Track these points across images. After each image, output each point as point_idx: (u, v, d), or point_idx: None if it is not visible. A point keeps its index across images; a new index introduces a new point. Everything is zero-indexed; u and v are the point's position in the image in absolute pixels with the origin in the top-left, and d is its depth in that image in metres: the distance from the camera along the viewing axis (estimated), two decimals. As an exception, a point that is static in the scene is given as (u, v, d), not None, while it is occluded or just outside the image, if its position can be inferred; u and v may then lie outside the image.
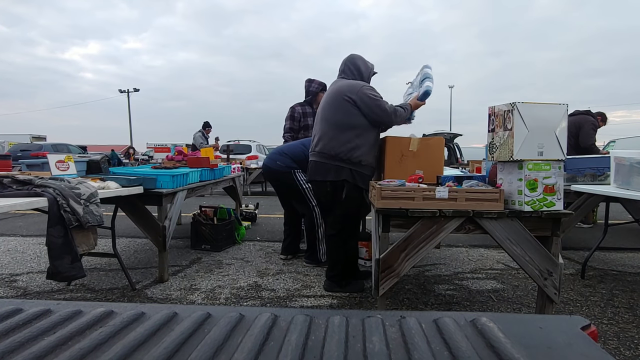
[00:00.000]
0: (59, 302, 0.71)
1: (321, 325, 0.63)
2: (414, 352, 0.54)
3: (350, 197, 2.62)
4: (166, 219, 2.89)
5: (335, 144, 2.57)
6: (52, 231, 2.03)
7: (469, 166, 3.67)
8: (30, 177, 2.22)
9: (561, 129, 1.92)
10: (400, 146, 2.59)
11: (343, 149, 2.55)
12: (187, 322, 0.63)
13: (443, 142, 2.74)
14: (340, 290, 2.75)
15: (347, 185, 2.59)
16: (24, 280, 2.96)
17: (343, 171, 2.57)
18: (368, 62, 2.76)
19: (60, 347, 0.56)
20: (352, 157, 2.55)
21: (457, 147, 9.80)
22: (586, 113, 4.84)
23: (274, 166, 3.35)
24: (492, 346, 0.55)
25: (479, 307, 2.51)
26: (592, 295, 2.70)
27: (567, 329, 0.61)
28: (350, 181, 2.58)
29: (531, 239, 1.95)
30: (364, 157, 2.57)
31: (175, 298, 2.62)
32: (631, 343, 2.03)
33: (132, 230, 4.44)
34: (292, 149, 3.38)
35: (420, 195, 1.97)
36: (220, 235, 3.78)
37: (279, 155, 3.38)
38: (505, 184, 2.03)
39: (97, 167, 3.07)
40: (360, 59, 2.74)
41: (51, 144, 15.48)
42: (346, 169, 2.56)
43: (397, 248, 1.96)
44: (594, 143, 4.78)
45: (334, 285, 2.76)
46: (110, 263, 3.34)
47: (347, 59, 2.75)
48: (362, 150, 2.56)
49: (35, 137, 20.50)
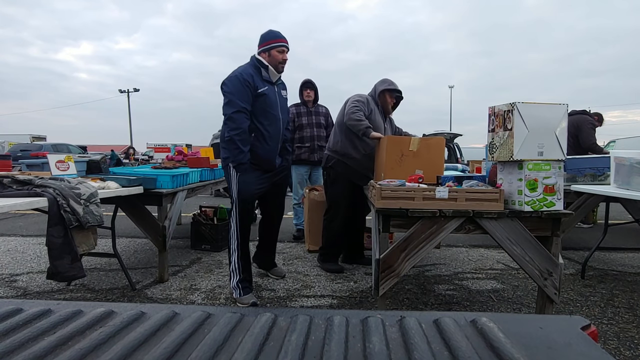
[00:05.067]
0: (59, 302, 0.71)
1: (321, 325, 0.63)
2: (414, 352, 0.54)
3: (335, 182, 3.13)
4: (166, 219, 2.89)
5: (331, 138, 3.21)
6: (52, 231, 2.03)
7: (469, 166, 3.67)
8: (30, 177, 2.22)
9: (561, 129, 1.92)
10: (401, 146, 2.60)
11: (333, 141, 3.15)
12: (187, 322, 0.63)
13: (444, 142, 2.75)
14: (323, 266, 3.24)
15: (332, 171, 3.13)
16: (24, 280, 2.96)
17: (331, 159, 3.13)
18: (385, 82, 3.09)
19: (60, 347, 0.56)
20: (339, 149, 3.08)
21: (457, 147, 9.79)
22: (583, 113, 4.84)
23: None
24: (492, 346, 0.55)
25: (479, 307, 2.51)
26: (592, 295, 2.70)
27: (567, 329, 0.61)
28: (334, 168, 3.11)
29: (531, 239, 1.95)
30: (347, 149, 3.04)
31: (175, 298, 2.62)
32: (631, 343, 2.03)
33: (132, 230, 4.44)
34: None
35: (420, 195, 1.97)
36: (220, 235, 3.78)
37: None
38: (505, 184, 2.03)
39: (97, 167, 3.07)
40: (379, 80, 3.14)
41: (51, 144, 15.48)
42: (334, 158, 3.10)
43: (397, 248, 1.96)
44: (595, 142, 4.76)
45: (321, 260, 3.28)
46: (110, 263, 3.34)
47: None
48: (344, 143, 3.05)
49: (35, 137, 20.49)
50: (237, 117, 2.40)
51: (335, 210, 3.17)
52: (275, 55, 2.53)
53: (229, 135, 2.42)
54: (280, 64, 2.56)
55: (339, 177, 3.11)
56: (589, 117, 4.81)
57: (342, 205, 3.14)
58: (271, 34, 2.57)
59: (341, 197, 3.13)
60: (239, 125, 2.40)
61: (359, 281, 2.98)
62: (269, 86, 2.54)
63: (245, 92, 2.43)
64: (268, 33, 2.57)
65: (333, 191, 3.17)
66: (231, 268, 2.60)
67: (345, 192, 3.13)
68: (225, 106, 2.45)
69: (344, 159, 3.06)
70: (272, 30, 2.59)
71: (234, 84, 2.42)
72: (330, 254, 3.22)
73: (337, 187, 3.13)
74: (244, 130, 2.43)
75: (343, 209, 3.15)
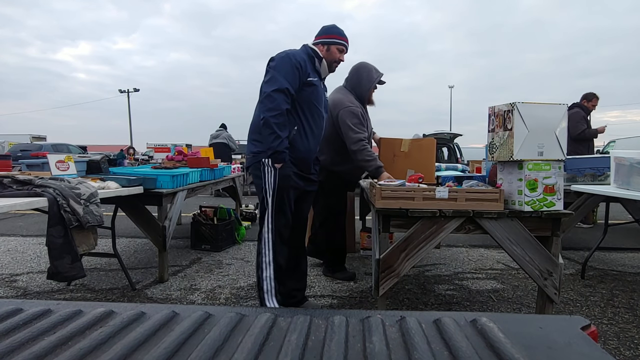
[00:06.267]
0: (59, 302, 0.71)
1: (321, 325, 0.63)
2: (414, 352, 0.54)
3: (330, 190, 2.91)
4: (166, 219, 2.89)
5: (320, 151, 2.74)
6: (52, 231, 2.03)
7: (469, 166, 3.67)
8: (30, 177, 2.22)
9: (561, 129, 1.92)
10: (393, 147, 2.65)
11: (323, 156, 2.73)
12: (187, 322, 0.63)
13: (434, 143, 2.79)
14: (334, 277, 3.04)
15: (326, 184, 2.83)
16: (24, 280, 2.96)
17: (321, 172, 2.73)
18: (374, 73, 2.83)
19: (60, 347, 0.56)
20: (329, 165, 2.82)
21: (457, 147, 9.79)
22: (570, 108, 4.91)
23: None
24: (492, 346, 0.55)
25: (479, 307, 2.51)
26: (592, 295, 2.70)
27: (567, 329, 0.61)
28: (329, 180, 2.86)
29: (531, 239, 1.95)
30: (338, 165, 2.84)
31: (175, 298, 2.62)
32: (631, 343, 2.03)
33: (132, 230, 4.44)
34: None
35: (420, 195, 1.97)
36: (220, 235, 3.78)
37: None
38: (505, 184, 2.03)
39: (97, 167, 3.07)
40: (366, 70, 2.84)
41: (51, 144, 15.48)
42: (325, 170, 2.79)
43: (397, 248, 1.95)
44: (582, 130, 4.87)
45: (327, 270, 3.11)
46: (110, 263, 3.34)
47: (354, 67, 2.88)
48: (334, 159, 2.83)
49: (35, 137, 20.50)
50: (276, 96, 2.04)
51: (335, 219, 3.03)
52: (334, 52, 2.31)
53: (264, 116, 2.04)
54: (335, 63, 2.35)
55: (334, 189, 2.94)
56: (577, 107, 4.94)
57: (342, 214, 3.07)
58: (336, 29, 2.34)
59: (339, 206, 3.04)
60: (277, 106, 2.04)
61: (359, 281, 2.98)
62: (318, 78, 2.28)
63: (294, 73, 2.11)
64: (333, 27, 2.34)
65: (329, 202, 2.98)
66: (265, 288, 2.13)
67: (342, 200, 3.06)
68: (266, 83, 2.10)
69: (337, 171, 2.88)
70: (337, 26, 2.36)
71: (283, 61, 2.11)
72: (337, 263, 3.08)
73: (333, 198, 2.98)
74: (282, 113, 2.06)
75: (343, 215, 3.09)
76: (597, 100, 5.08)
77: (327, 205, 2.99)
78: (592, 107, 5.08)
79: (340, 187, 2.99)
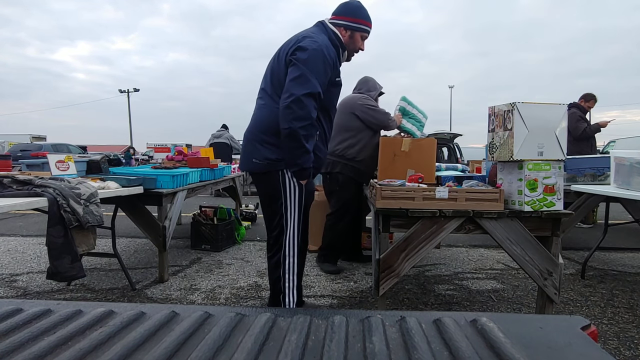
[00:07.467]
0: (59, 302, 0.71)
1: (321, 325, 0.63)
2: (414, 352, 0.54)
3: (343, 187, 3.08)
4: (166, 219, 2.89)
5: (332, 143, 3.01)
6: (52, 231, 2.03)
7: (469, 166, 3.67)
8: (30, 177, 2.22)
9: (561, 129, 1.92)
10: (393, 146, 2.67)
11: (338, 146, 3.06)
12: (187, 322, 0.63)
13: (435, 143, 2.79)
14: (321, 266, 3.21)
15: (341, 176, 3.06)
16: (24, 280, 2.96)
17: (337, 165, 3.07)
18: (378, 84, 3.22)
19: (61, 347, 0.56)
20: (346, 154, 3.05)
21: (457, 147, 9.78)
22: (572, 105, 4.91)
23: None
24: (492, 346, 0.55)
25: (479, 307, 2.51)
26: (592, 295, 2.70)
27: (567, 329, 0.61)
28: (343, 173, 3.05)
29: (531, 239, 1.95)
30: (357, 154, 3.04)
31: (175, 298, 2.62)
32: (631, 343, 2.03)
33: (132, 230, 4.44)
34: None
35: (420, 195, 1.97)
36: (220, 235, 3.78)
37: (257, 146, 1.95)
38: (505, 184, 2.03)
39: (97, 167, 3.07)
40: (372, 81, 3.23)
41: (51, 144, 15.48)
42: (340, 163, 3.06)
43: (397, 248, 1.95)
44: (584, 129, 4.88)
45: (320, 260, 3.26)
46: (110, 263, 3.34)
47: (362, 79, 3.25)
48: (356, 148, 3.04)
49: (35, 137, 20.50)
50: (308, 102, 1.69)
51: (344, 213, 3.15)
52: (358, 40, 1.95)
53: (292, 127, 1.69)
54: (354, 53, 2.00)
55: (348, 181, 3.09)
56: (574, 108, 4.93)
57: (351, 208, 3.16)
58: (363, 12, 1.93)
59: (351, 200, 3.14)
60: (307, 114, 1.70)
61: (359, 281, 2.98)
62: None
63: (326, 73, 1.78)
64: (359, 9, 1.93)
65: (342, 195, 3.12)
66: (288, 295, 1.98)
67: (355, 195, 3.16)
68: (294, 82, 1.71)
69: (352, 162, 3.05)
70: (364, 7, 1.94)
71: (316, 56, 1.73)
72: (330, 255, 3.22)
73: (347, 191, 3.11)
74: (312, 123, 1.74)
75: (352, 211, 3.17)
76: (595, 103, 5.11)
77: (338, 198, 3.14)
78: (589, 107, 5.10)
79: (354, 180, 3.11)
